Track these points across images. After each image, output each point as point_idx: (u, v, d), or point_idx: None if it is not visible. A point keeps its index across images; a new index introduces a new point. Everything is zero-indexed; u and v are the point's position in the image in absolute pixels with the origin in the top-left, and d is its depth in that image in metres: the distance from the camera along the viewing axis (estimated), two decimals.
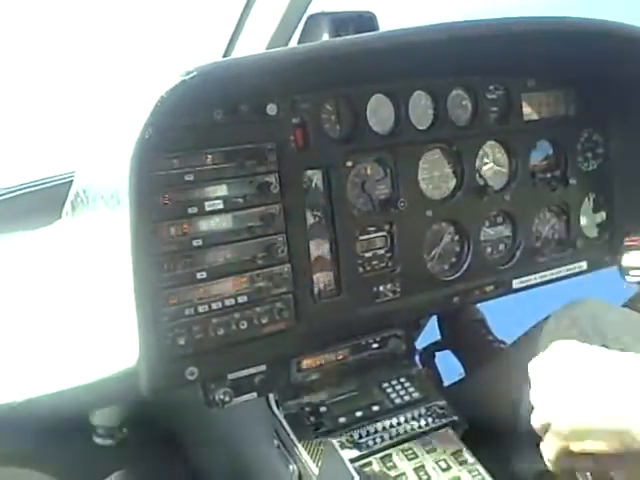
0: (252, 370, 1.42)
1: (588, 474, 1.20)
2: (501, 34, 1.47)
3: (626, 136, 1.85)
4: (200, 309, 1.33)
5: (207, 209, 1.32)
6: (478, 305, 2.12)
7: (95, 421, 1.81)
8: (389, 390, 1.53)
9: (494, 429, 1.51)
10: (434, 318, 2.14)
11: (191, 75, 1.11)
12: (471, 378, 1.89)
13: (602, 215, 1.88)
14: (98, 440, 1.81)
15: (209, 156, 1.31)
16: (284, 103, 1.37)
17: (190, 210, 1.30)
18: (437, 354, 2.18)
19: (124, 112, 1.35)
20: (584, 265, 1.83)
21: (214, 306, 1.34)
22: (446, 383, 2.01)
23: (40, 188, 1.95)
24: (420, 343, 2.20)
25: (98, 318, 1.40)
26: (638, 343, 1.28)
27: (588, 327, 1.35)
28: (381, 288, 1.56)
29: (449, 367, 2.16)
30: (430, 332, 2.22)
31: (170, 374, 1.32)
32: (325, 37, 1.52)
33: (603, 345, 1.30)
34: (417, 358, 1.91)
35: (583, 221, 1.86)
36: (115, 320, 1.31)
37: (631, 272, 1.45)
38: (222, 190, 1.33)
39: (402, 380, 1.56)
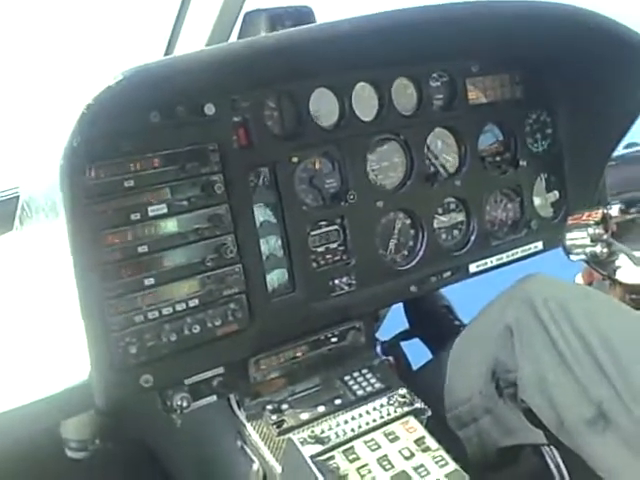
0: (209, 373, 1.41)
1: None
2: (441, 20, 1.47)
3: (573, 115, 1.86)
4: (150, 315, 1.31)
5: (150, 214, 1.30)
6: (443, 290, 2.13)
7: (66, 434, 1.78)
8: (351, 383, 1.53)
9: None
10: (401, 307, 2.15)
11: (117, 80, 1.09)
12: (436, 362, 1.90)
13: (555, 194, 1.90)
14: (70, 454, 1.79)
15: (149, 160, 1.29)
16: (222, 102, 1.36)
17: (133, 216, 1.28)
18: (410, 342, 2.19)
19: (59, 122, 1.33)
20: (540, 245, 1.85)
21: (165, 312, 1.32)
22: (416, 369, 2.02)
23: None
24: (389, 332, 2.21)
25: (50, 330, 1.38)
26: (584, 315, 1.30)
27: (538, 302, 1.37)
28: (336, 282, 1.55)
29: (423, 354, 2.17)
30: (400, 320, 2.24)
31: (124, 384, 1.31)
32: (263, 33, 1.50)
33: (552, 318, 1.32)
34: (380, 348, 1.92)
35: (537, 201, 1.87)
36: (67, 331, 1.30)
37: (574, 250, 1.46)
38: (165, 194, 1.32)
39: (364, 372, 1.56)
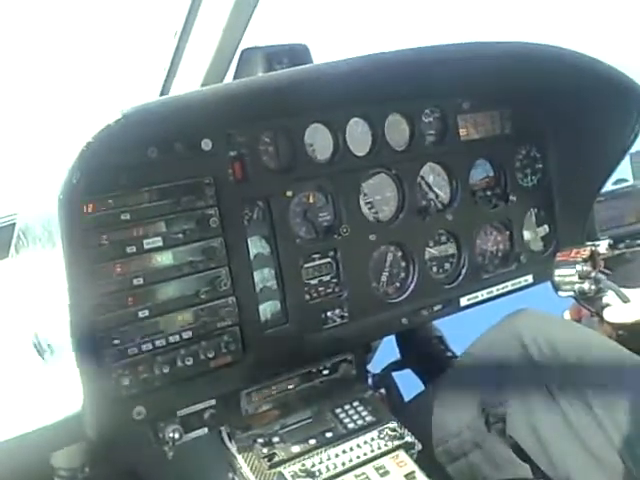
0: (201, 405, 1.41)
1: None
2: (434, 60, 1.51)
3: (562, 151, 1.90)
4: (144, 347, 1.32)
5: (146, 247, 1.32)
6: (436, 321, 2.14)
7: (56, 463, 1.77)
8: (342, 415, 1.53)
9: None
10: (393, 337, 2.16)
11: (116, 119, 1.11)
12: (427, 394, 1.91)
13: (545, 228, 1.93)
14: None
15: (145, 194, 1.32)
16: (219, 138, 1.39)
17: (128, 249, 1.30)
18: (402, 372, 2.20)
19: (59, 155, 1.35)
20: (530, 278, 1.87)
21: (158, 344, 1.34)
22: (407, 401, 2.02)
23: None
24: (381, 363, 2.22)
25: (43, 360, 1.38)
26: (569, 348, 1.32)
27: (527, 337, 1.38)
28: (329, 314, 1.57)
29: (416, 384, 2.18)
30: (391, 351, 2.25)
31: (117, 415, 1.31)
32: (259, 71, 1.54)
33: (540, 354, 1.34)
34: (372, 380, 1.93)
35: (527, 235, 1.90)
36: (60, 362, 1.30)
37: (562, 287, 1.48)
38: (161, 227, 1.34)
39: (355, 404, 1.56)
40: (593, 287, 1.44)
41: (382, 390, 2.12)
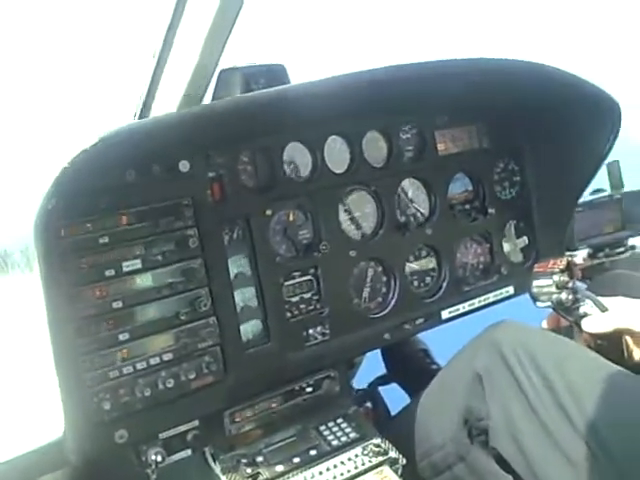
0: (184, 427, 1.41)
1: None
2: (409, 78, 1.53)
3: (539, 163, 1.93)
4: (125, 370, 1.32)
5: (125, 270, 1.32)
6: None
7: None
8: (326, 433, 1.53)
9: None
10: (379, 351, 2.17)
11: (92, 143, 1.12)
12: (413, 407, 1.91)
13: (525, 240, 1.95)
14: None
15: (123, 217, 1.32)
16: (197, 159, 1.40)
17: (107, 272, 1.30)
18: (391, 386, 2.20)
19: (37, 179, 1.35)
20: (511, 290, 1.89)
21: (139, 366, 1.33)
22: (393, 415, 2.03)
23: None
24: (368, 378, 2.23)
25: (24, 386, 1.38)
26: (551, 362, 1.33)
27: (506, 347, 1.39)
28: (310, 331, 1.58)
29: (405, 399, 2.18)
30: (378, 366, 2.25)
31: (98, 439, 1.31)
32: (238, 91, 1.54)
33: (520, 365, 1.35)
34: (357, 395, 1.93)
35: (506, 247, 1.92)
36: (41, 387, 1.30)
37: (540, 297, 1.50)
38: (139, 249, 1.34)
39: (339, 421, 1.57)
40: (570, 297, 1.45)
41: (368, 404, 2.13)
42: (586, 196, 2.10)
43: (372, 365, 2.22)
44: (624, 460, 1.19)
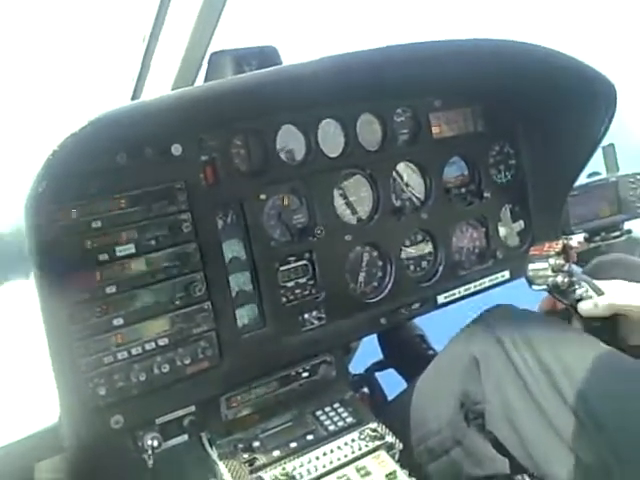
0: (180, 412, 1.40)
1: None
2: (403, 59, 1.51)
3: (535, 147, 1.92)
4: (119, 356, 1.31)
5: (118, 254, 1.31)
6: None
7: (39, 476, 1.75)
8: (323, 418, 1.53)
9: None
10: (374, 338, 2.16)
11: (81, 127, 1.10)
12: (409, 392, 1.91)
13: (521, 224, 1.94)
14: None
15: (116, 201, 1.31)
16: (190, 142, 1.38)
17: (100, 257, 1.29)
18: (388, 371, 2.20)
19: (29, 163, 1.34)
20: (507, 274, 1.88)
21: (134, 351, 1.33)
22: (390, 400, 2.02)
23: None
24: (365, 363, 2.23)
25: (20, 373, 1.37)
26: (547, 345, 1.33)
27: (502, 331, 1.40)
28: (306, 316, 1.57)
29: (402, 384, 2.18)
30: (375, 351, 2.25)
31: (94, 425, 1.30)
32: (229, 74, 1.53)
33: (516, 349, 1.35)
34: (354, 380, 1.93)
35: (502, 231, 1.91)
36: (37, 373, 1.29)
37: (536, 280, 1.50)
38: (133, 234, 1.33)
39: (336, 406, 1.56)
40: (566, 280, 1.45)
41: (365, 390, 2.13)
42: (582, 180, 2.10)
43: (369, 350, 2.23)
44: (615, 431, 1.19)
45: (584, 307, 1.39)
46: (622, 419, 1.19)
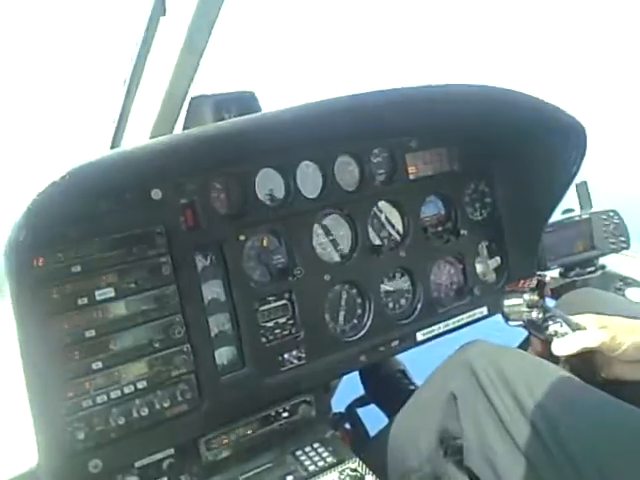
0: (159, 455, 1.40)
1: None
2: (378, 104, 1.55)
3: (509, 184, 1.96)
4: (98, 399, 1.31)
5: (98, 298, 1.32)
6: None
7: None
8: (303, 458, 1.53)
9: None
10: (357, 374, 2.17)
11: (61, 176, 1.13)
12: (390, 428, 1.92)
13: (497, 260, 1.97)
14: None
15: (96, 245, 1.32)
16: (169, 186, 1.41)
17: (80, 301, 1.30)
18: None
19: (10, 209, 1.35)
20: (484, 310, 1.91)
21: (113, 395, 1.33)
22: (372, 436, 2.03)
23: None
24: (347, 400, 2.23)
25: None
26: (521, 381, 1.35)
27: (479, 369, 1.41)
28: (286, 356, 1.58)
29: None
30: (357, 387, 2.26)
31: (73, 469, 1.30)
32: (209, 119, 1.57)
33: (492, 385, 1.37)
34: (335, 418, 1.93)
35: (479, 268, 1.95)
36: (14, 417, 1.29)
37: (512, 316, 1.52)
38: (112, 277, 1.34)
39: (315, 446, 1.56)
40: (541, 315, 1.48)
41: (347, 426, 2.13)
42: (557, 216, 2.15)
43: (351, 386, 2.24)
44: (592, 471, 1.20)
45: (557, 346, 1.41)
46: (594, 457, 1.21)
